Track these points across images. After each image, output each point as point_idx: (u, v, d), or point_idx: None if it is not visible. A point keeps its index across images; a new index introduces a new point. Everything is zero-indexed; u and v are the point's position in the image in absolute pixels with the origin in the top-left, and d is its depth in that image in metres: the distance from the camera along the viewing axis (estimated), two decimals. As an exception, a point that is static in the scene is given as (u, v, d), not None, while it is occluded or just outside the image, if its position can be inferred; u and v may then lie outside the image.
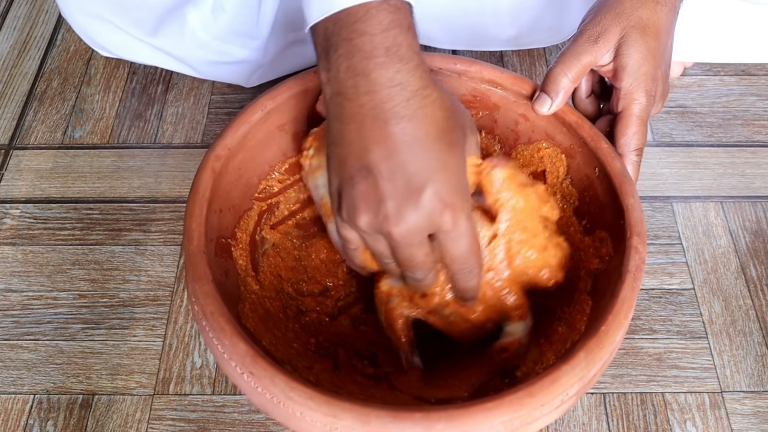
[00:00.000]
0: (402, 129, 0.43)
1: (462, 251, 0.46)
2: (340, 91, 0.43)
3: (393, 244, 0.45)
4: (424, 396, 0.49)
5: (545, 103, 0.54)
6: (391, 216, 0.43)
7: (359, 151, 0.43)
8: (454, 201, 0.44)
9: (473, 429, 0.41)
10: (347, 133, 0.44)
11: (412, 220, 0.43)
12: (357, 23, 0.42)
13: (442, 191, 0.43)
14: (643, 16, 0.53)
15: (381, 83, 0.42)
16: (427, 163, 0.43)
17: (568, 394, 0.43)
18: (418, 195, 0.43)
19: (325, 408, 0.41)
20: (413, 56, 0.43)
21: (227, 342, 0.43)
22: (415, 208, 0.43)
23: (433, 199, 0.43)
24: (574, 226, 0.55)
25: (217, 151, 0.52)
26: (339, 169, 0.45)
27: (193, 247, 0.47)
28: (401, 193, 0.43)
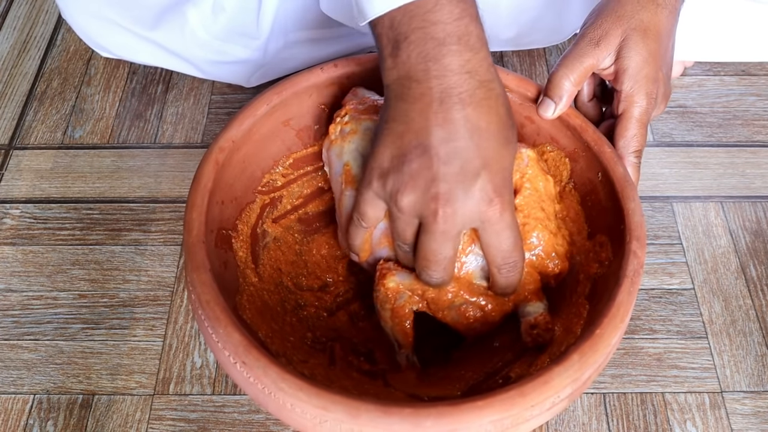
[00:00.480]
0: (466, 116, 0.44)
1: (506, 246, 0.47)
2: (408, 75, 0.44)
3: (429, 230, 0.45)
4: (417, 393, 0.49)
5: (549, 107, 0.54)
6: (441, 196, 0.44)
7: (420, 130, 0.44)
8: (503, 193, 0.45)
9: (463, 427, 0.41)
10: (411, 111, 0.44)
11: (460, 204, 0.44)
12: (428, 13, 0.43)
13: (495, 181, 0.44)
14: (644, 18, 0.53)
15: (452, 69, 0.44)
16: (485, 153, 0.44)
17: (560, 396, 0.43)
18: (472, 182, 0.44)
19: (315, 400, 0.41)
20: (482, 47, 0.45)
21: (221, 331, 0.44)
22: (465, 194, 0.44)
23: (486, 187, 0.44)
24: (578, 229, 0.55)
25: (221, 143, 0.52)
26: (394, 143, 0.45)
27: (193, 236, 0.47)
28: (455, 177, 0.44)
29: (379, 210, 0.48)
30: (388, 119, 0.46)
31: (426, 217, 0.45)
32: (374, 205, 0.47)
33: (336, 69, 0.56)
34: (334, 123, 0.54)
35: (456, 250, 0.47)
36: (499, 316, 0.52)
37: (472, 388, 0.50)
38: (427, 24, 0.44)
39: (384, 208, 0.47)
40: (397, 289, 0.51)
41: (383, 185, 0.46)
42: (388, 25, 0.45)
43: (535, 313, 0.51)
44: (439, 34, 0.44)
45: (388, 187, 0.45)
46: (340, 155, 0.53)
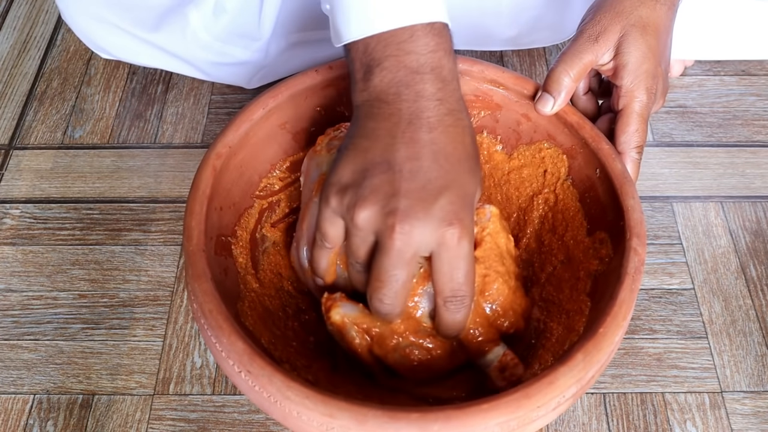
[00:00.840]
0: (433, 138, 0.44)
1: (459, 275, 0.45)
2: (379, 97, 0.45)
3: (384, 248, 0.43)
4: (422, 395, 0.49)
5: (548, 102, 0.54)
6: (400, 212, 0.42)
7: (386, 147, 0.44)
8: (464, 219, 0.44)
9: (469, 430, 0.41)
10: (378, 129, 0.45)
11: (419, 223, 0.43)
12: (403, 43, 0.44)
13: (456, 205, 0.44)
14: (642, 14, 0.53)
15: (423, 95, 0.44)
16: (448, 176, 0.44)
17: (565, 395, 0.43)
18: (432, 201, 0.43)
19: (322, 407, 0.41)
20: (453, 79, 0.46)
21: (225, 340, 0.44)
22: (425, 212, 0.43)
23: (446, 208, 0.43)
24: (576, 225, 0.55)
25: (218, 149, 0.52)
26: (357, 159, 0.45)
27: (193, 245, 0.47)
28: (416, 194, 0.43)
29: (338, 227, 0.46)
30: (353, 135, 0.46)
31: (382, 233, 0.43)
32: (333, 222, 0.46)
33: (331, 71, 0.56)
34: (325, 135, 0.54)
35: (410, 276, 0.45)
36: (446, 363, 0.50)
37: (476, 388, 0.50)
38: (401, 53, 0.44)
39: (343, 226, 0.46)
40: (342, 323, 0.48)
41: (341, 200, 0.45)
42: (362, 50, 0.45)
43: (497, 357, 0.49)
44: (413, 63, 0.44)
45: (345, 201, 0.44)
46: (319, 165, 0.52)
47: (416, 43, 0.44)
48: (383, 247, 0.44)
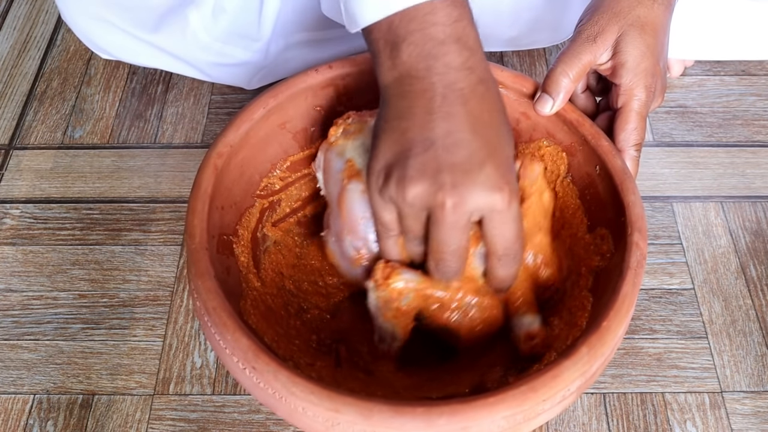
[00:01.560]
0: (470, 109, 0.44)
1: (510, 235, 0.46)
2: (409, 73, 0.45)
3: (438, 221, 0.45)
4: (425, 394, 0.49)
5: (547, 103, 0.55)
6: (448, 186, 0.43)
7: (424, 124, 0.44)
8: (510, 181, 0.45)
9: (475, 424, 0.41)
10: (414, 107, 0.44)
11: (468, 194, 0.43)
12: (427, 15, 0.44)
13: (501, 170, 0.44)
14: (640, 14, 0.54)
15: (454, 66, 0.44)
16: (489, 144, 0.44)
17: (570, 389, 0.43)
18: (478, 170, 0.44)
19: (327, 403, 0.41)
20: (479, 47, 0.46)
21: (229, 337, 0.44)
22: (473, 183, 0.43)
23: (492, 176, 0.44)
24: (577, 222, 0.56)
25: (219, 148, 0.52)
26: (397, 141, 0.45)
27: (196, 243, 0.47)
28: (461, 166, 0.43)
29: (393, 212, 0.47)
30: (388, 118, 0.46)
31: (434, 209, 0.44)
32: (387, 208, 0.47)
33: (331, 70, 0.56)
34: (336, 125, 0.54)
35: (468, 238, 0.46)
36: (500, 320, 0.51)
37: (479, 386, 0.50)
38: (426, 26, 0.44)
39: (395, 209, 0.47)
40: (402, 291, 0.50)
41: (387, 183, 0.45)
42: (386, 29, 0.45)
43: (532, 324, 0.51)
44: (439, 35, 0.44)
45: (392, 184, 0.45)
46: (341, 153, 0.52)
47: (439, 14, 0.44)
48: (437, 221, 0.45)
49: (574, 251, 0.55)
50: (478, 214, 0.45)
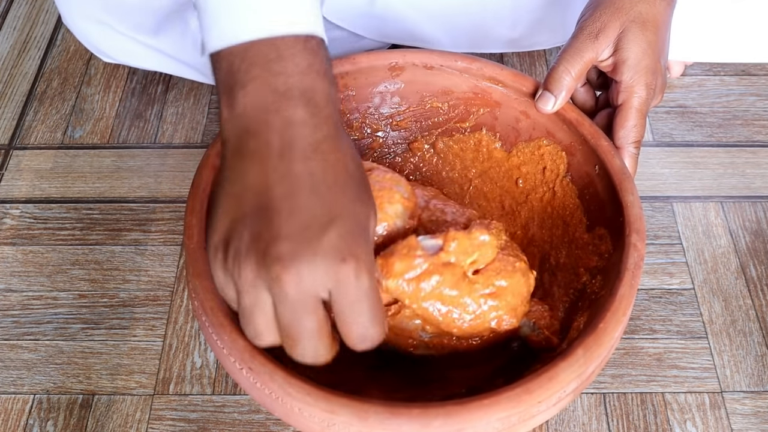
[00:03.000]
0: (309, 169, 0.39)
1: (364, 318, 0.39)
2: (246, 128, 0.40)
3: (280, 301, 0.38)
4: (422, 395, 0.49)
5: (548, 101, 0.55)
6: (285, 257, 0.37)
7: (258, 189, 0.39)
8: (358, 251, 0.38)
9: (470, 425, 0.41)
10: (247, 170, 0.39)
11: (307, 267, 0.37)
12: (271, 63, 0.39)
13: (347, 238, 0.38)
14: (642, 10, 0.53)
15: (294, 122, 0.39)
16: (333, 207, 0.39)
17: (566, 391, 0.43)
18: (319, 239, 0.37)
19: (323, 404, 0.41)
20: (327, 104, 0.40)
21: (227, 338, 0.44)
22: (313, 253, 0.37)
23: (336, 244, 0.38)
24: (576, 222, 0.56)
25: (218, 147, 0.51)
26: (232, 208, 0.39)
27: (194, 242, 0.47)
28: (300, 234, 0.37)
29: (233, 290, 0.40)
30: (223, 181, 0.41)
31: (272, 286, 0.38)
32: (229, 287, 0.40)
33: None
34: None
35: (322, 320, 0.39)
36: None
37: (476, 387, 0.50)
38: (268, 74, 0.39)
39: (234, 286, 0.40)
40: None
41: (225, 259, 0.39)
42: (226, 69, 0.40)
43: (528, 328, 0.50)
44: (281, 86, 0.39)
45: (230, 259, 0.39)
46: None
47: (285, 63, 0.39)
48: (278, 301, 0.38)
49: (573, 251, 0.55)
50: (324, 289, 0.38)
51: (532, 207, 0.59)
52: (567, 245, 0.56)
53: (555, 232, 0.57)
